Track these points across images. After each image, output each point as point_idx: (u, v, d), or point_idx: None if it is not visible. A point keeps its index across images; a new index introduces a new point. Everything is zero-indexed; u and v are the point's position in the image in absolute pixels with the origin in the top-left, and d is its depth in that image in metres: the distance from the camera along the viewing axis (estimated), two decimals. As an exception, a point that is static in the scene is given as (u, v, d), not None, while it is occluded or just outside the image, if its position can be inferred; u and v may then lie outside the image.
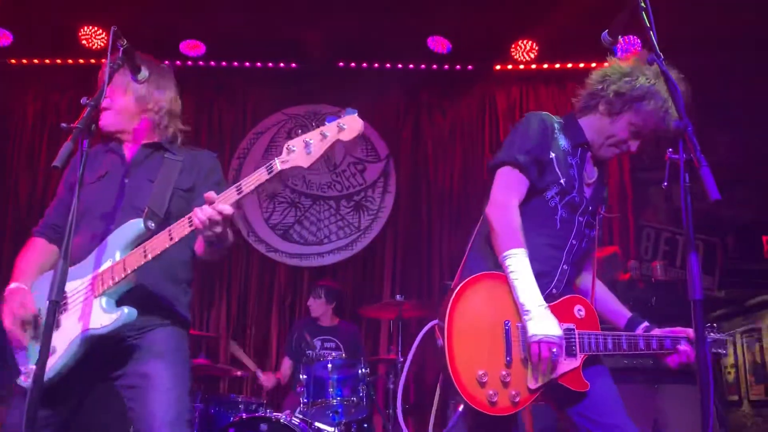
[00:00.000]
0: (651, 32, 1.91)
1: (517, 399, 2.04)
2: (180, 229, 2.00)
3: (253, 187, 1.94)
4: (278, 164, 1.92)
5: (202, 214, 1.93)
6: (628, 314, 2.42)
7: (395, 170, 6.39)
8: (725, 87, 5.75)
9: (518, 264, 2.10)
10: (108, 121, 2.34)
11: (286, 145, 1.93)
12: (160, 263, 2.09)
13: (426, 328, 2.15)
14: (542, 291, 2.15)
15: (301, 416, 4.03)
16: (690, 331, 2.26)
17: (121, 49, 2.11)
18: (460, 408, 2.08)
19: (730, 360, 5.91)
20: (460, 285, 2.12)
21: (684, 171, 1.69)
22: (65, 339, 2.04)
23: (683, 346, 2.26)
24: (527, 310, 2.05)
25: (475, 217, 2.43)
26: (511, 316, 2.11)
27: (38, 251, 2.38)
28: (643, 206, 6.19)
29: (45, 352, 1.76)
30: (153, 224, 2.11)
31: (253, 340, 6.03)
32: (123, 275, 2.02)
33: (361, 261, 6.26)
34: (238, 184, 1.96)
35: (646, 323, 2.37)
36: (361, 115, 1.92)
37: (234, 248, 5.97)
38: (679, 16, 4.59)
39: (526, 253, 2.12)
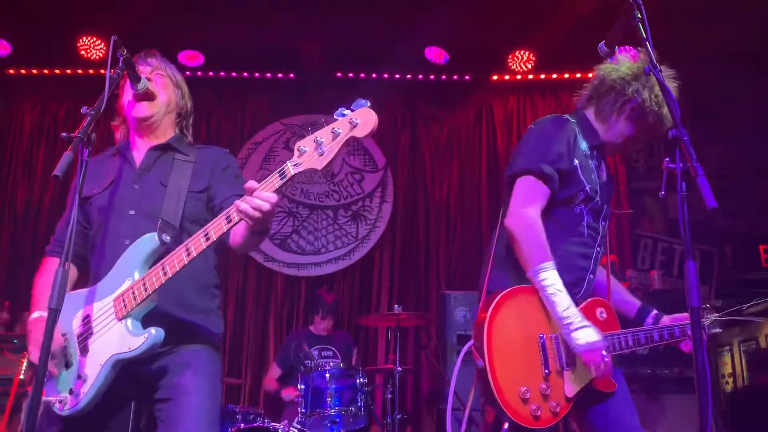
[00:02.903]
0: (647, 43, 1.92)
1: (558, 409, 2.07)
2: (197, 244, 1.90)
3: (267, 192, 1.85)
4: (291, 168, 1.82)
5: (247, 204, 1.81)
6: (638, 303, 2.46)
7: (393, 180, 6.40)
8: (719, 98, 5.78)
9: (552, 278, 2.09)
10: (150, 111, 2.25)
11: (296, 146, 1.82)
12: (187, 274, 2.00)
13: (464, 350, 2.16)
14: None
15: (299, 426, 4.02)
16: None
17: (122, 58, 2.09)
18: (506, 426, 2.09)
19: (728, 369, 5.90)
20: (493, 305, 2.10)
21: (681, 180, 1.70)
22: (95, 365, 1.98)
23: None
24: (569, 323, 2.05)
25: (472, 226, 2.43)
26: (545, 329, 2.12)
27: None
28: (640, 216, 6.21)
29: (44, 360, 1.73)
30: (168, 237, 2.04)
31: (250, 350, 6.01)
32: (145, 295, 1.95)
33: (358, 270, 6.25)
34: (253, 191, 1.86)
35: (655, 311, 2.43)
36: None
37: (230, 257, 5.97)
38: (673, 29, 4.63)
39: (554, 266, 2.11)
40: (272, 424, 3.98)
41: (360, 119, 1.76)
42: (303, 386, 4.21)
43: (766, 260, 5.83)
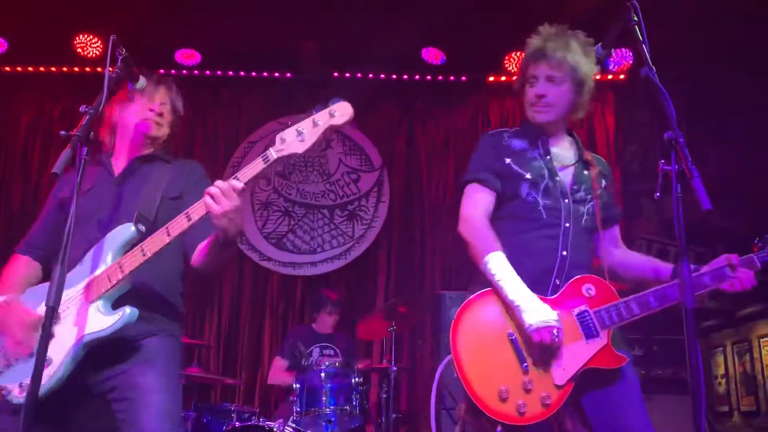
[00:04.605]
0: (644, 46, 1.94)
1: (548, 401, 2.03)
2: (178, 225, 1.98)
3: (250, 176, 1.94)
4: (273, 153, 1.93)
5: (215, 189, 1.91)
6: (669, 266, 2.28)
7: (389, 180, 6.41)
8: (716, 100, 5.81)
9: (497, 266, 2.15)
10: (160, 132, 2.41)
11: (279, 136, 1.94)
12: (154, 271, 2.07)
13: (443, 363, 2.19)
14: (546, 286, 2.17)
15: (294, 425, 4.02)
16: (731, 257, 2.16)
17: (120, 58, 2.11)
18: (499, 429, 2.08)
19: (720, 371, 5.93)
20: (455, 315, 2.16)
21: (676, 182, 1.72)
22: (62, 348, 1.99)
23: (731, 274, 2.13)
24: (518, 305, 2.07)
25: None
26: (513, 327, 2.12)
27: (22, 267, 2.36)
28: (635, 217, 6.23)
29: (41, 362, 1.73)
30: (143, 227, 2.10)
31: (245, 349, 6.01)
32: (120, 276, 1.99)
33: (354, 270, 6.27)
34: (235, 175, 1.94)
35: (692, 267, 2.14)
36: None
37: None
38: (671, 31, 4.65)
39: (503, 255, 2.17)
40: (267, 422, 3.98)
41: (338, 110, 1.94)
42: (298, 385, 4.22)
43: (760, 262, 5.86)
